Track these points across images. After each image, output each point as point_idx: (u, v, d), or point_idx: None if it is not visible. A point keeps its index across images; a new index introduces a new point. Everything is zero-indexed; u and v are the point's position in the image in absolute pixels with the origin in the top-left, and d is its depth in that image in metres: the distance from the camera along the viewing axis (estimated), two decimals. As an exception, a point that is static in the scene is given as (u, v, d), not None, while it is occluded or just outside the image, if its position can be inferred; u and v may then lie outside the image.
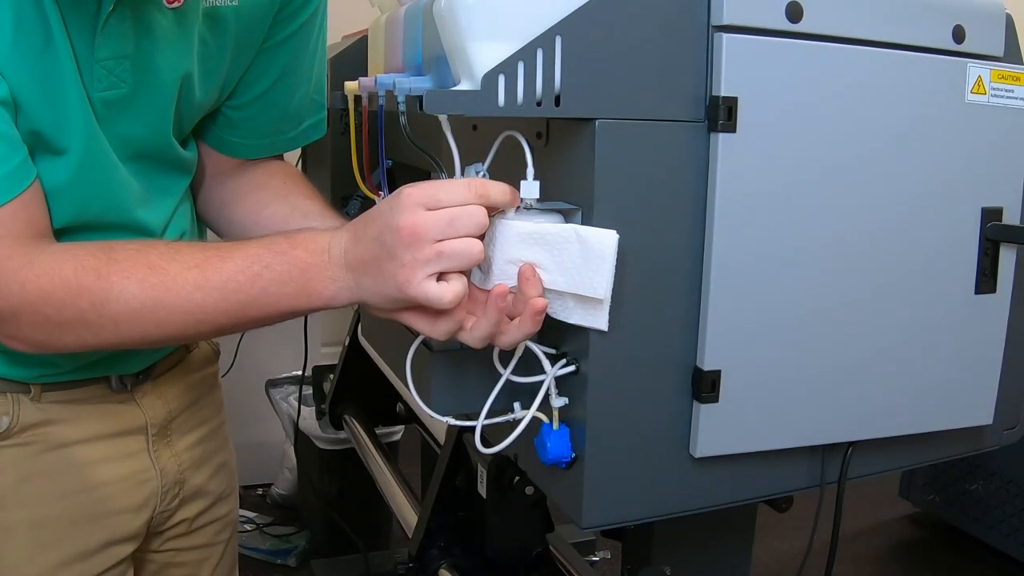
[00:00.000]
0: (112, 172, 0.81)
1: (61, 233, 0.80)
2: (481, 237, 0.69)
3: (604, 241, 0.68)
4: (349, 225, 0.74)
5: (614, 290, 0.70)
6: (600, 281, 0.68)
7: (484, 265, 0.73)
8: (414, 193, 0.67)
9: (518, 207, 0.74)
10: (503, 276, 0.71)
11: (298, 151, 1.65)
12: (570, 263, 0.69)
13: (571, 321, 0.71)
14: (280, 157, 1.03)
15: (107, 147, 0.80)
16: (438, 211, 0.67)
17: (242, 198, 0.98)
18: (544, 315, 0.70)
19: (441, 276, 0.68)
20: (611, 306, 0.71)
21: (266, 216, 0.95)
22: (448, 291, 0.68)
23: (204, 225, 1.02)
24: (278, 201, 0.96)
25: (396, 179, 1.26)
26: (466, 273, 0.70)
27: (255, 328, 0.78)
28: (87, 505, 0.90)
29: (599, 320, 0.70)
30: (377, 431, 1.87)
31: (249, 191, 0.98)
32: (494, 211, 0.71)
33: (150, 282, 0.73)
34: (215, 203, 0.99)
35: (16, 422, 0.85)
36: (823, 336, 0.78)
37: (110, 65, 0.77)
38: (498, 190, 0.69)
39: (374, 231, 0.70)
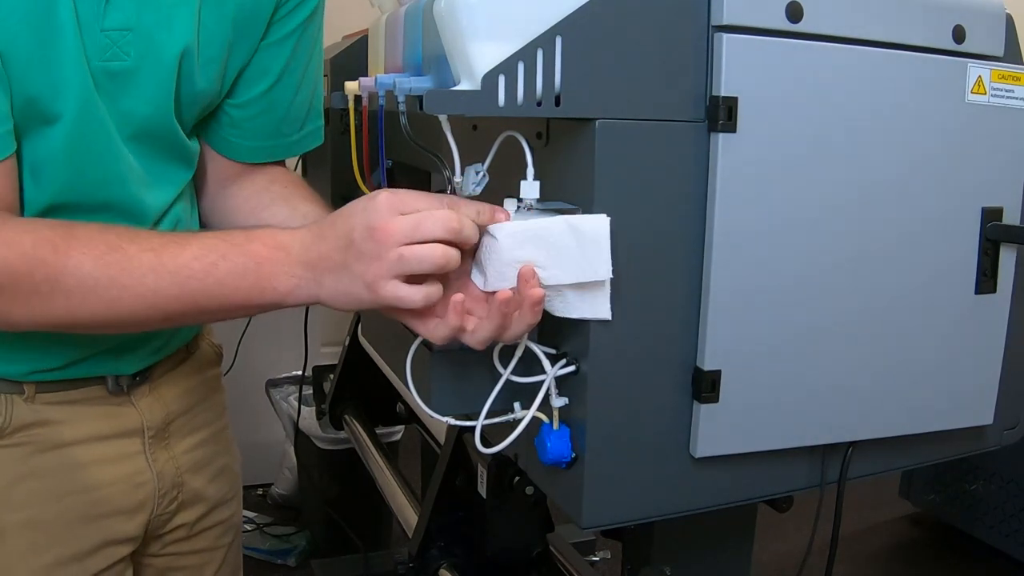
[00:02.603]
0: (107, 144, 0.81)
1: (50, 211, 0.79)
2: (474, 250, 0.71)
3: (597, 226, 0.68)
4: (312, 224, 0.75)
5: (615, 289, 0.70)
6: (600, 265, 0.69)
7: (481, 268, 0.73)
8: (392, 198, 0.69)
9: (518, 207, 0.74)
10: (502, 278, 0.71)
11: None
12: (566, 255, 0.70)
13: (574, 316, 0.71)
14: (282, 164, 1.03)
15: (105, 118, 0.80)
16: (407, 217, 0.68)
17: (244, 203, 0.98)
18: (542, 304, 0.70)
19: (416, 279, 0.69)
20: (612, 305, 0.71)
21: (266, 218, 0.95)
22: (419, 293, 0.69)
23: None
24: (278, 204, 0.96)
25: (396, 179, 1.26)
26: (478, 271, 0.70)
27: (208, 322, 0.78)
28: (82, 506, 0.89)
29: (601, 310, 0.70)
30: (377, 431, 1.86)
31: (251, 195, 0.98)
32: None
33: (106, 260, 0.72)
34: (219, 211, 0.99)
35: (9, 423, 0.85)
36: (823, 336, 0.78)
37: (115, 36, 0.77)
38: (472, 209, 0.70)
39: (343, 229, 0.70)
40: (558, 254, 0.70)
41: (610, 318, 0.71)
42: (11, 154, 0.75)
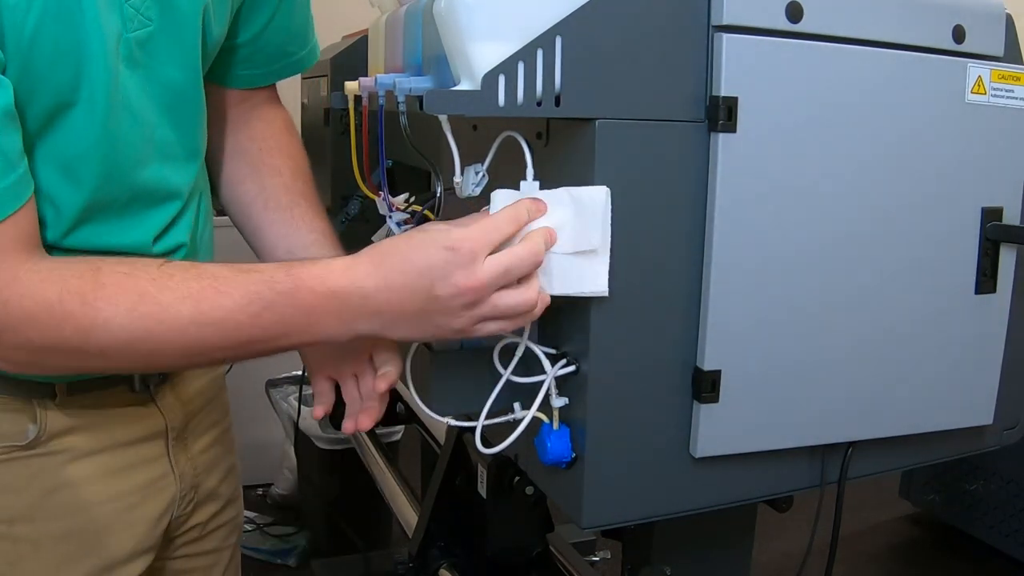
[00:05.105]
0: (139, 121, 0.79)
1: (87, 213, 0.77)
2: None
3: (595, 196, 0.69)
4: (366, 262, 0.71)
5: (615, 290, 0.70)
6: (594, 232, 0.69)
7: None
8: (475, 247, 0.68)
9: None
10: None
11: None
12: (566, 223, 0.70)
13: (572, 292, 0.71)
14: (265, 107, 1.02)
15: (134, 95, 0.78)
16: (495, 263, 0.68)
17: (224, 162, 0.99)
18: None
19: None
20: (611, 305, 0.71)
21: (240, 193, 0.97)
22: (515, 325, 0.72)
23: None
24: (251, 179, 0.97)
25: (396, 179, 1.26)
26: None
27: (253, 358, 0.77)
28: (112, 515, 0.89)
29: (598, 283, 0.70)
30: (377, 431, 1.87)
31: (231, 156, 0.99)
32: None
33: (139, 312, 0.69)
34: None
35: (43, 430, 0.83)
36: (823, 336, 0.78)
37: (136, 3, 0.76)
38: (533, 207, 0.71)
39: (418, 283, 0.69)
40: (557, 223, 0.71)
41: (607, 294, 0.70)
42: (30, 195, 0.72)
